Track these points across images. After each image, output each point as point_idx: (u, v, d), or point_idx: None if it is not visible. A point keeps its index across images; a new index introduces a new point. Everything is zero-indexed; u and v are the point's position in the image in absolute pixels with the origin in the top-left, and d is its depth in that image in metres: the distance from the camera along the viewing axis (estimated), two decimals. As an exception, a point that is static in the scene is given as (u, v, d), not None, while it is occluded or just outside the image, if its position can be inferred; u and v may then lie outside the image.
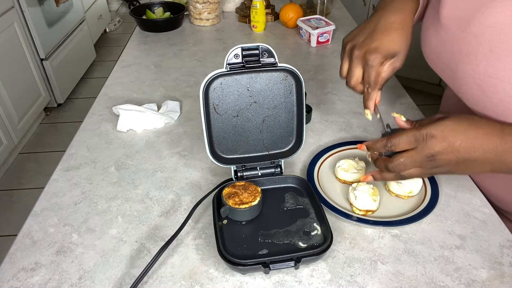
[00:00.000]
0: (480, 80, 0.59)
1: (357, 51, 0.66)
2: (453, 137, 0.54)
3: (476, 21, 0.59)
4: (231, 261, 0.57)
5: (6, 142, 2.09)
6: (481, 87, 0.60)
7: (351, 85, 0.68)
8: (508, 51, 0.56)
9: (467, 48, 0.61)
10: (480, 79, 0.59)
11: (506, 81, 0.56)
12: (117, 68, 1.16)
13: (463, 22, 0.61)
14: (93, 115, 0.95)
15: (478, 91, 0.61)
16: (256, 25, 1.38)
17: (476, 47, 0.59)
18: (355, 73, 0.67)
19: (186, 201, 0.72)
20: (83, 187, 0.75)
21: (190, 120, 0.93)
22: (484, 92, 0.60)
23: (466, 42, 0.61)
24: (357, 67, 0.66)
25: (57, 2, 2.52)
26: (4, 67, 2.06)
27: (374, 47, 0.64)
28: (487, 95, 0.59)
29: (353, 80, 0.67)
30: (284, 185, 0.72)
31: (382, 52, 0.64)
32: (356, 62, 0.66)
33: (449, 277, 0.58)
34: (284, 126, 0.70)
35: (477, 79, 0.60)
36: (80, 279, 0.59)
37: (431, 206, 0.68)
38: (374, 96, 0.67)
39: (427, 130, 0.55)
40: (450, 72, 0.66)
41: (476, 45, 0.59)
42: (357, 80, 0.67)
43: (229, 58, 0.63)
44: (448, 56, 0.65)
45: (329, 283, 0.58)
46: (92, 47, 3.14)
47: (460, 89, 0.65)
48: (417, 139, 0.55)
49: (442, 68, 0.69)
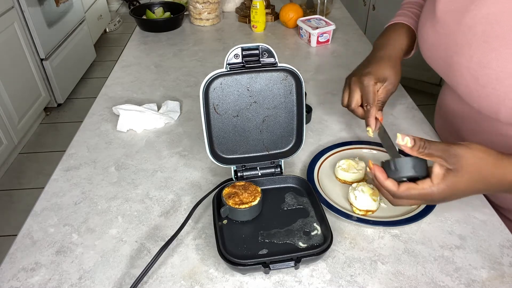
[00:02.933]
0: (474, 71, 0.62)
1: (354, 78, 0.75)
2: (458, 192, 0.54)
3: (470, 13, 0.63)
4: (231, 261, 0.57)
5: (6, 142, 2.09)
6: (475, 77, 0.63)
7: (352, 108, 0.75)
8: (501, 41, 0.59)
9: (462, 40, 0.64)
10: (474, 69, 0.62)
11: (499, 70, 0.59)
12: (117, 68, 1.17)
13: (458, 15, 0.65)
14: (93, 115, 0.95)
15: (473, 81, 0.63)
16: (256, 25, 1.38)
17: (471, 38, 0.63)
18: (354, 96, 0.74)
19: (186, 201, 0.72)
20: (83, 187, 0.75)
21: (190, 120, 0.93)
22: (478, 82, 0.62)
23: (461, 34, 0.64)
24: (355, 91, 0.74)
25: (57, 2, 2.52)
26: (4, 67, 2.06)
27: (367, 72, 0.74)
28: (481, 84, 0.62)
29: (353, 103, 0.75)
30: (284, 185, 0.72)
31: (374, 75, 0.73)
32: (354, 87, 0.75)
33: (449, 277, 0.58)
34: (284, 126, 0.70)
35: (471, 69, 0.63)
36: (80, 279, 0.59)
37: (431, 206, 0.68)
38: (373, 113, 0.72)
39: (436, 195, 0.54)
40: (446, 66, 0.69)
41: (470, 37, 0.63)
42: (356, 102, 0.75)
43: (229, 58, 0.63)
44: (444, 49, 0.69)
45: (329, 283, 0.58)
46: (92, 47, 3.14)
47: (456, 82, 0.68)
48: (426, 200, 0.55)
49: (438, 62, 0.72)
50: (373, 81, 0.73)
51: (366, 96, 0.73)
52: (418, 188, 0.54)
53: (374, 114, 0.72)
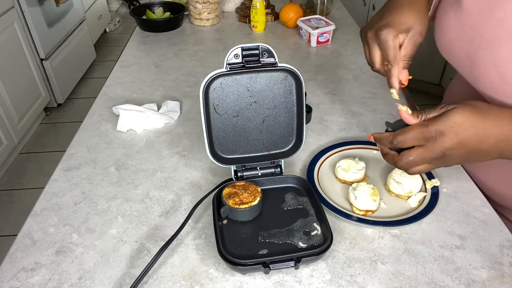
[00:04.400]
0: (501, 67, 0.58)
1: (369, 33, 0.65)
2: (463, 132, 0.52)
3: (503, 6, 0.57)
4: (231, 261, 0.57)
5: (6, 142, 2.09)
6: (502, 74, 0.58)
7: (376, 68, 0.67)
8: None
9: (490, 34, 0.59)
10: (501, 65, 0.58)
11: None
12: (117, 68, 1.17)
13: (486, 6, 0.60)
14: (93, 115, 0.95)
15: (499, 78, 0.59)
16: (256, 25, 1.38)
17: (501, 33, 0.58)
18: (374, 55, 0.66)
19: (186, 201, 0.72)
20: (83, 187, 0.75)
21: (190, 120, 0.93)
22: (505, 79, 0.58)
23: (490, 27, 0.59)
24: (374, 48, 0.65)
25: (57, 2, 2.52)
26: (4, 67, 2.06)
27: (385, 24, 0.64)
28: (508, 81, 0.58)
29: (376, 63, 0.66)
30: (284, 185, 0.72)
31: (393, 27, 0.63)
32: (371, 43, 0.65)
33: (449, 277, 0.58)
34: (284, 126, 0.70)
35: (498, 66, 0.58)
36: (80, 279, 0.59)
37: (431, 206, 0.68)
38: (396, 73, 0.64)
39: (435, 127, 0.52)
40: (468, 60, 0.64)
41: (500, 31, 0.58)
42: (378, 61, 0.66)
43: (229, 58, 0.63)
44: (468, 42, 0.63)
45: (329, 283, 0.58)
46: (92, 47, 3.14)
47: (478, 78, 0.63)
48: (425, 137, 0.53)
49: (458, 56, 0.66)
50: (393, 34, 0.63)
51: (385, 53, 0.63)
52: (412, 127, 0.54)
53: (396, 74, 0.64)
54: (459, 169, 0.78)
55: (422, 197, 0.70)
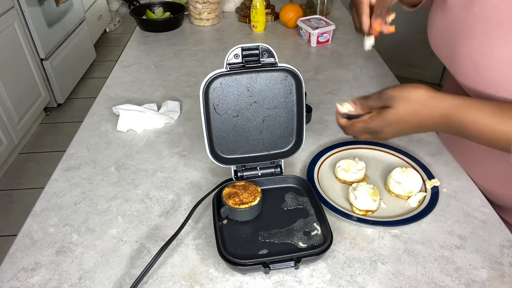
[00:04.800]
0: (474, 59, 0.63)
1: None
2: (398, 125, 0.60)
3: (479, 2, 0.62)
4: (231, 261, 0.57)
5: (6, 142, 2.09)
6: (475, 65, 0.63)
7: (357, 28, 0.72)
8: (503, 31, 0.59)
9: (466, 28, 0.64)
10: (474, 57, 0.63)
11: (498, 59, 0.59)
12: (117, 68, 1.17)
13: (467, 3, 0.65)
14: (93, 115, 0.95)
15: (473, 70, 0.64)
16: (256, 25, 1.38)
17: (475, 27, 0.63)
18: (354, 17, 0.72)
19: (186, 201, 0.72)
20: (83, 187, 0.75)
21: (190, 120, 0.93)
22: (478, 71, 0.63)
23: (467, 22, 0.64)
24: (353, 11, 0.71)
25: (57, 2, 2.52)
26: (4, 67, 2.06)
27: None
28: (480, 73, 0.62)
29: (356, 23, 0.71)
30: (284, 185, 0.72)
31: None
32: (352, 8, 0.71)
33: (449, 277, 0.58)
34: (284, 126, 0.70)
35: (472, 57, 0.63)
36: (80, 279, 0.59)
37: (431, 206, 0.68)
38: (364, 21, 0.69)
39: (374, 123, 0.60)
40: (449, 54, 0.69)
41: (474, 25, 0.63)
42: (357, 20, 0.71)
43: (229, 58, 0.63)
44: (449, 36, 0.69)
45: (329, 283, 0.58)
46: (92, 47, 3.14)
47: (458, 71, 0.68)
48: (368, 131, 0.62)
49: (443, 50, 0.72)
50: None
51: (357, 9, 0.69)
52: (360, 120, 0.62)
53: (366, 22, 0.68)
54: (459, 169, 0.78)
55: (422, 197, 0.70)
